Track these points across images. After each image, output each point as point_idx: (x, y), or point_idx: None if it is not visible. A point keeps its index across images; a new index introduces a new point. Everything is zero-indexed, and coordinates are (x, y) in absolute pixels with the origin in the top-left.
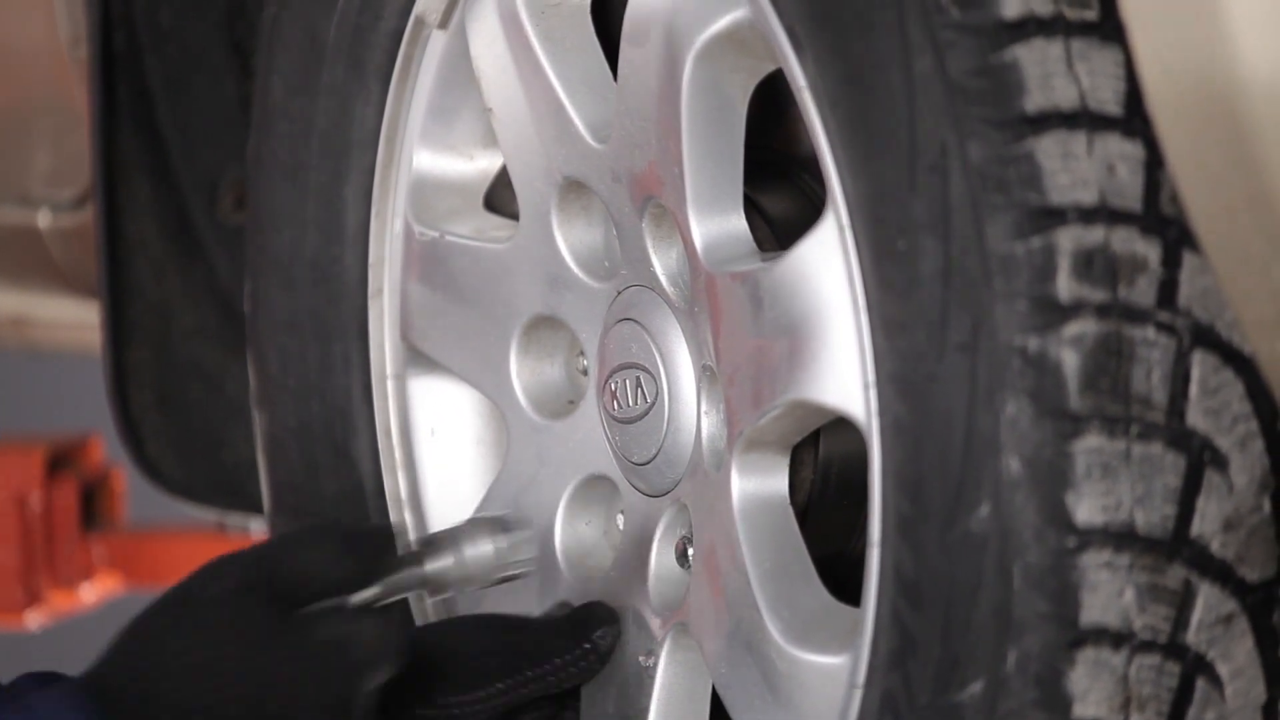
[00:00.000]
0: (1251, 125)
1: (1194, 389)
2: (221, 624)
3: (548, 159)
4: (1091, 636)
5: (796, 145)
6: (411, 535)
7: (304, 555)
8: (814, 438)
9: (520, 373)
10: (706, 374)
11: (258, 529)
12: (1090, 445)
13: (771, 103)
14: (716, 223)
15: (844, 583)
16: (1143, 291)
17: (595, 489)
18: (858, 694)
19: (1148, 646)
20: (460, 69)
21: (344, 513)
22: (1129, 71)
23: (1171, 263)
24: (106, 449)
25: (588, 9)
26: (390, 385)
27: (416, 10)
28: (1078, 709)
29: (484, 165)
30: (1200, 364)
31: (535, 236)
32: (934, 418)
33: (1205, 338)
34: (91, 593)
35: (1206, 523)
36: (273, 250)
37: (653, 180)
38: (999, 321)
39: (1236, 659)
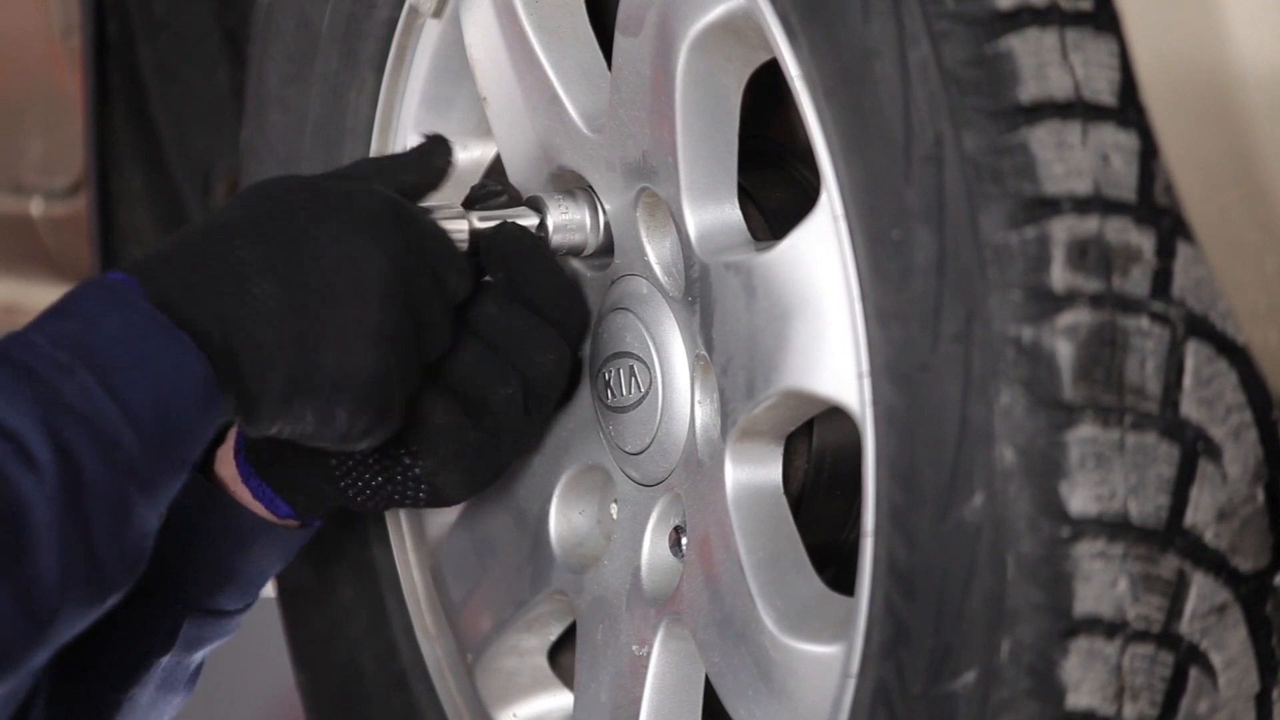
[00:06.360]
0: (1246, 115)
1: (1188, 379)
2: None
3: (542, 148)
4: (1085, 626)
5: (790, 135)
6: None
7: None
8: (807, 427)
9: None
10: (700, 363)
11: None
12: (1084, 435)
13: (766, 92)
14: (710, 212)
15: (837, 572)
16: (1137, 281)
17: (589, 478)
18: (851, 683)
19: (1141, 636)
20: (454, 58)
21: None
22: (1123, 61)
23: (1165, 253)
24: None
25: None
26: None
27: None
28: (1071, 699)
29: (478, 154)
30: (1194, 354)
31: None
32: (928, 407)
33: (1199, 328)
34: None
35: (1200, 513)
36: None
37: (647, 170)
38: (993, 311)
39: (1230, 649)
